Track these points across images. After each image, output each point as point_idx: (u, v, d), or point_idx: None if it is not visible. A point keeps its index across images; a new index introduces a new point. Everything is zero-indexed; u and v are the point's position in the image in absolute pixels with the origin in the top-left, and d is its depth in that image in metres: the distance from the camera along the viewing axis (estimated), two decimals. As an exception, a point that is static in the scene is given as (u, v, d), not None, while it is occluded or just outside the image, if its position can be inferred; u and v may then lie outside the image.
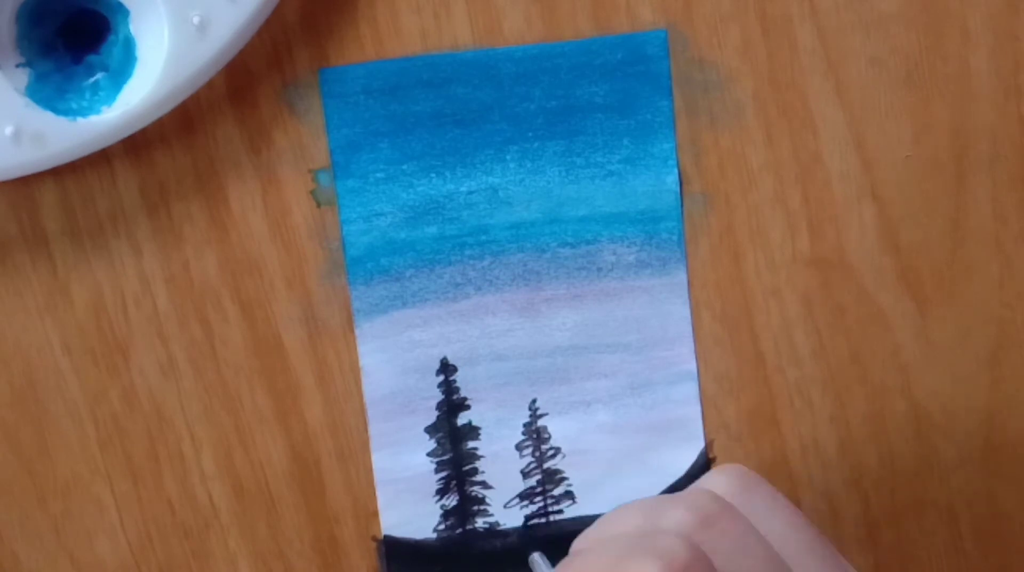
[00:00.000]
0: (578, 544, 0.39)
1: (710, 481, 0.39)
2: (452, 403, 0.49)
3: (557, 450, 0.50)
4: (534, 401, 0.49)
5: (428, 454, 0.49)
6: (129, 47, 0.45)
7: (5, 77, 0.44)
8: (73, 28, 0.45)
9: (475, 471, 0.50)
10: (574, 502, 0.50)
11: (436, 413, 0.49)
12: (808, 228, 0.49)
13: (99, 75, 0.45)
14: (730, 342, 0.50)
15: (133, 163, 0.47)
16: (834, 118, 0.49)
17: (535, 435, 0.50)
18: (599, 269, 0.49)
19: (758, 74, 0.48)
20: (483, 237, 0.48)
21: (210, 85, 0.45)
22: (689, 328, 0.49)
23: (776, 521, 0.38)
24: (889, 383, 0.50)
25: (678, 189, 0.49)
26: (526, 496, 0.50)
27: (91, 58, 0.45)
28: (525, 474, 0.50)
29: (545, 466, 0.50)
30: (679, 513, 0.36)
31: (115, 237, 0.47)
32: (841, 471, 0.51)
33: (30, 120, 0.44)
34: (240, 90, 0.47)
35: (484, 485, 0.50)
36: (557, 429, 0.50)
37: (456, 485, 0.50)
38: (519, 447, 0.50)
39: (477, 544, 0.50)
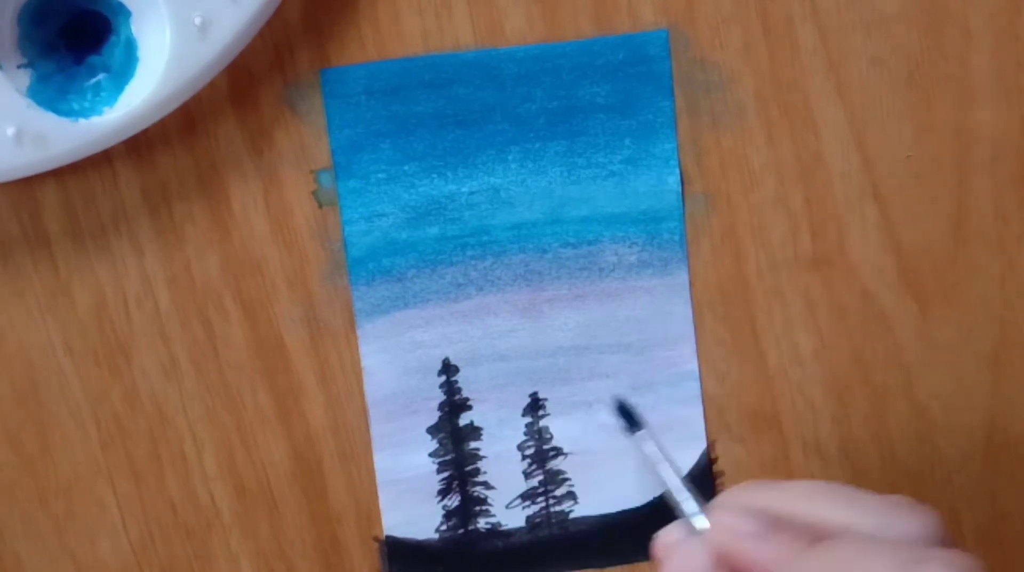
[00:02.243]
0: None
1: (953, 556, 0.37)
2: (454, 403, 0.49)
3: (559, 450, 0.50)
4: (536, 401, 0.49)
5: (430, 455, 0.49)
6: (131, 48, 0.45)
7: (7, 78, 0.44)
8: (75, 29, 0.45)
9: (477, 472, 0.50)
10: (576, 502, 0.50)
11: (438, 413, 0.49)
12: (810, 228, 0.49)
13: (101, 76, 0.45)
14: (732, 342, 0.50)
15: (135, 164, 0.47)
16: (835, 118, 0.49)
17: (537, 435, 0.50)
18: (601, 269, 0.49)
19: (759, 74, 0.48)
20: (485, 237, 0.48)
21: (212, 86, 0.45)
22: (691, 328, 0.49)
23: None
24: (891, 383, 0.50)
25: (680, 189, 0.49)
26: (528, 496, 0.50)
27: (93, 59, 0.45)
28: (527, 475, 0.50)
29: (547, 467, 0.50)
30: None
31: (117, 238, 0.47)
32: (843, 471, 0.51)
33: (32, 121, 0.44)
34: (242, 91, 0.47)
35: (486, 485, 0.50)
36: (559, 429, 0.50)
37: (458, 486, 0.50)
38: (521, 447, 0.50)
39: (479, 544, 0.50)
